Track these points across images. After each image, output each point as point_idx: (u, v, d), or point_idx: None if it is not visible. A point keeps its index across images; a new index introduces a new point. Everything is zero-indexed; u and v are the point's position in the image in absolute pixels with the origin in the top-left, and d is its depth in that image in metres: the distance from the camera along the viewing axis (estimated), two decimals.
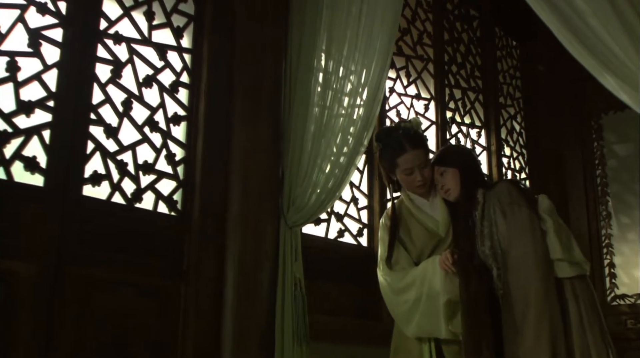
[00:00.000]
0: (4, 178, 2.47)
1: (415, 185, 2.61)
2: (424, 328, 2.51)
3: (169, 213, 2.96)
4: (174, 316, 2.83)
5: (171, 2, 3.17)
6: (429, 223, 2.63)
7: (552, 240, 2.37)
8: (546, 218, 2.41)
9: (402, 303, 2.57)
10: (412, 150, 2.57)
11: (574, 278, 2.38)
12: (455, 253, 2.43)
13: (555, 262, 2.36)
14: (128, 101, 2.90)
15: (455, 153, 2.72)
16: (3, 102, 2.52)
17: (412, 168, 2.57)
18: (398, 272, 2.60)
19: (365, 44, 3.19)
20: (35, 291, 2.44)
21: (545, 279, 2.32)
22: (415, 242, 2.64)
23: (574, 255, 2.39)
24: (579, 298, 2.35)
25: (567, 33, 2.41)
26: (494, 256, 2.43)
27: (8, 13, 2.59)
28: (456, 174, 2.54)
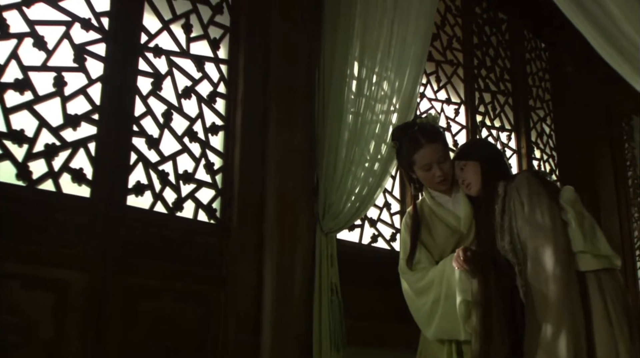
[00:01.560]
0: (53, 190, 2.56)
1: (436, 181, 2.55)
2: (443, 329, 2.46)
3: (208, 221, 3.03)
4: (215, 322, 2.89)
5: (208, 14, 3.24)
6: (451, 220, 2.57)
7: (574, 231, 2.27)
8: (568, 209, 2.30)
9: (422, 305, 2.53)
10: (428, 145, 2.52)
11: (600, 271, 2.27)
12: (469, 250, 2.34)
13: (577, 254, 2.26)
14: (168, 112, 2.98)
15: (475, 146, 2.68)
16: (51, 117, 2.61)
17: (430, 163, 2.52)
18: (418, 272, 2.56)
19: (399, 53, 3.22)
20: (84, 299, 2.53)
21: (565, 272, 2.21)
22: (437, 240, 2.59)
23: (599, 246, 2.29)
24: (605, 293, 2.24)
25: (596, 34, 2.40)
26: (513, 251, 2.35)
27: (54, 30, 2.68)
28: (477, 168, 2.49)
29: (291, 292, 3.08)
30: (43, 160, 2.55)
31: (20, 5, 2.59)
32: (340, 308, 3.13)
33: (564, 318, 2.16)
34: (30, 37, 2.60)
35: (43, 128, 2.57)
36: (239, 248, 3.03)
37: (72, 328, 2.48)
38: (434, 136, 2.55)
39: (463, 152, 2.60)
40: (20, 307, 2.38)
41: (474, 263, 2.32)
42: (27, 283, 2.41)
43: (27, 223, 2.44)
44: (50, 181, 2.56)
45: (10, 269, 2.38)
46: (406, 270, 2.60)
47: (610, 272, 2.29)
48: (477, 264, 2.33)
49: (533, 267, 2.26)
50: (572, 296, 2.20)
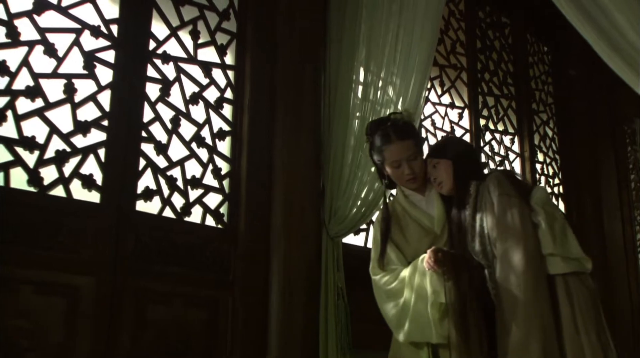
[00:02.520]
0: (64, 196, 2.59)
1: (405, 179, 2.47)
2: (415, 332, 2.38)
3: (215, 225, 3.06)
4: (223, 325, 2.92)
5: (215, 21, 3.28)
6: (424, 220, 2.50)
7: (544, 233, 2.20)
8: (538, 210, 2.24)
9: (394, 306, 2.44)
10: (398, 141, 2.44)
11: (568, 275, 2.20)
12: (440, 251, 2.27)
13: (547, 257, 2.19)
14: (176, 118, 3.01)
15: (448, 144, 2.57)
16: (61, 123, 2.64)
17: (400, 161, 2.45)
18: (389, 273, 2.47)
19: (404, 59, 3.24)
20: (95, 303, 2.56)
21: (535, 275, 2.16)
22: (409, 240, 2.50)
23: (570, 249, 2.22)
24: (573, 297, 2.17)
25: (599, 40, 2.41)
26: (484, 253, 2.28)
27: (64, 37, 2.71)
28: (449, 166, 2.40)
29: (297, 296, 3.10)
30: (54, 166, 2.59)
31: (31, 13, 2.63)
32: (346, 311, 3.16)
33: (534, 321, 2.11)
34: (41, 44, 2.63)
35: (54, 135, 2.61)
36: (246, 252, 3.06)
37: (82, 332, 2.51)
38: (405, 133, 2.47)
39: (436, 150, 2.52)
40: (31, 312, 2.41)
41: (445, 265, 2.26)
42: (38, 288, 2.44)
43: (38, 229, 2.48)
44: (61, 186, 2.60)
45: (22, 274, 2.41)
46: (377, 271, 2.51)
47: (579, 276, 2.22)
48: (448, 265, 2.27)
49: (502, 270, 2.20)
50: (541, 299, 2.14)
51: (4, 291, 2.37)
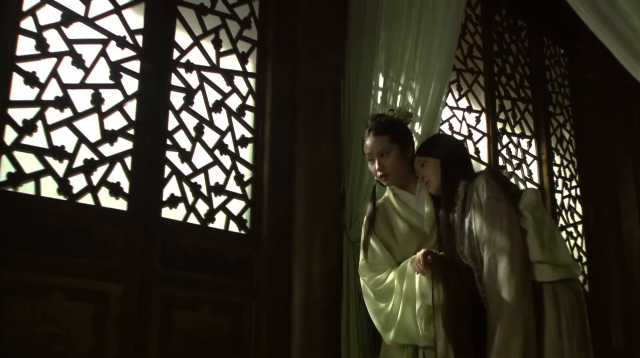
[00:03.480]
0: (92, 204, 2.64)
1: (377, 175, 2.49)
2: (402, 335, 2.37)
3: (239, 231, 3.10)
4: (247, 331, 2.96)
5: (236, 29, 3.32)
6: (414, 219, 2.47)
7: (532, 239, 2.18)
8: (526, 215, 2.21)
9: (382, 308, 2.44)
10: (373, 136, 2.47)
11: (557, 283, 2.18)
12: (429, 254, 2.26)
13: (535, 264, 2.17)
14: (200, 126, 3.06)
15: (437, 142, 2.54)
16: (89, 132, 2.69)
17: (372, 155, 2.46)
18: (378, 274, 2.46)
19: (424, 66, 3.27)
20: (123, 310, 2.61)
21: (521, 283, 2.13)
22: (399, 240, 2.49)
23: (558, 256, 2.19)
24: (560, 305, 2.16)
25: (616, 44, 2.42)
26: (472, 256, 2.25)
27: (91, 48, 2.76)
28: (436, 165, 2.39)
29: (320, 301, 3.13)
30: (82, 175, 2.64)
31: (59, 25, 2.68)
32: (368, 316, 3.18)
33: (516, 329, 2.10)
34: (69, 55, 2.69)
35: (82, 144, 2.66)
36: (268, 258, 3.10)
37: (111, 338, 2.56)
38: (381, 129, 2.48)
39: (424, 148, 2.50)
40: (62, 318, 2.47)
41: (434, 267, 2.25)
42: (69, 294, 2.49)
43: (68, 237, 2.53)
44: (90, 195, 2.65)
45: (53, 281, 2.47)
46: (365, 272, 2.51)
47: (568, 283, 2.20)
48: (437, 268, 2.25)
49: (489, 275, 2.18)
50: (525, 307, 2.12)
51: (35, 298, 2.42)
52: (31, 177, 2.51)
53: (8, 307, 2.35)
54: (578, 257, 5.10)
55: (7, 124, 2.48)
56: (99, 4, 2.82)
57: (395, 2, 3.42)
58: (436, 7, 3.27)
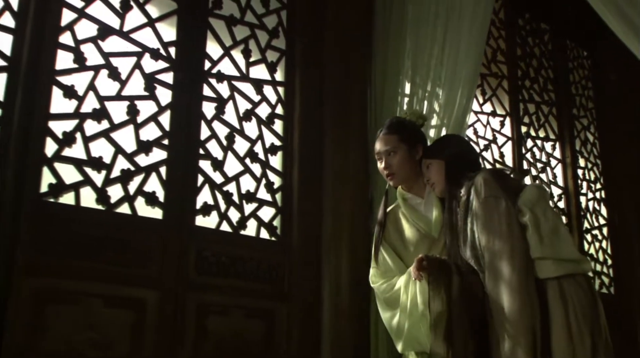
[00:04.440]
0: (129, 213, 2.71)
1: (384, 174, 2.48)
2: (411, 342, 2.32)
3: (269, 238, 3.16)
4: (278, 336, 3.02)
5: (265, 39, 3.38)
6: (422, 224, 2.44)
7: (531, 235, 2.10)
8: (525, 211, 2.13)
9: (392, 316, 2.40)
10: (383, 135, 2.47)
11: (563, 278, 2.07)
12: (425, 258, 2.21)
13: (536, 261, 2.09)
14: (231, 135, 3.12)
15: (442, 144, 2.49)
16: (125, 143, 2.76)
17: (380, 153, 2.46)
18: (388, 282, 2.43)
19: (450, 74, 3.31)
20: (159, 316, 2.67)
21: (523, 282, 2.05)
22: (407, 246, 2.45)
23: (561, 251, 2.10)
24: (567, 301, 2.05)
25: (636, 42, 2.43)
26: (476, 257, 2.18)
27: (126, 61, 2.83)
28: (441, 167, 2.35)
29: (348, 306, 3.17)
30: (119, 185, 2.71)
31: (96, 39, 2.75)
32: None
33: (521, 331, 2.02)
34: (106, 68, 2.76)
35: (119, 154, 2.73)
36: (298, 264, 3.15)
37: (148, 343, 2.63)
38: (391, 128, 2.48)
39: (430, 150, 2.46)
40: (101, 324, 2.54)
41: (431, 273, 2.19)
42: (108, 302, 2.56)
43: (106, 245, 2.60)
44: (127, 204, 2.71)
45: (92, 289, 2.54)
46: (376, 279, 2.48)
47: (575, 278, 2.10)
48: (434, 273, 2.19)
49: (490, 277, 2.11)
50: (529, 307, 2.04)
51: (76, 306, 2.49)
52: (71, 187, 2.58)
53: (50, 315, 2.43)
54: (603, 260, 5.10)
55: (48, 136, 2.56)
56: (134, 18, 2.90)
57: (421, 11, 3.46)
58: (462, 15, 3.31)
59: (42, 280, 2.43)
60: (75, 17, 2.72)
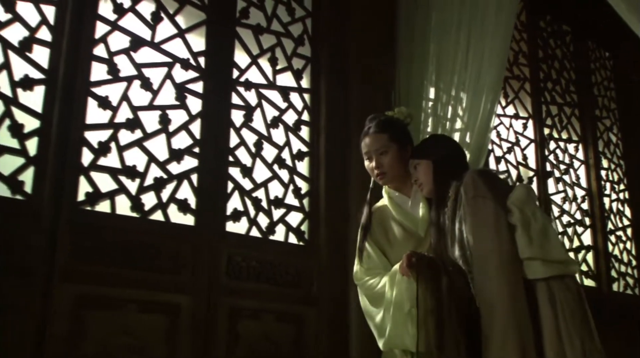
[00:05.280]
0: (162, 220, 2.78)
1: (374, 174, 2.45)
2: (394, 340, 2.31)
3: (298, 242, 3.21)
4: (308, 339, 3.06)
5: (291, 47, 3.43)
6: (408, 223, 2.43)
7: (520, 236, 2.08)
8: (514, 211, 2.11)
9: (375, 313, 2.39)
10: (372, 134, 2.44)
11: (551, 279, 2.05)
12: (414, 255, 2.20)
13: (525, 262, 2.06)
14: (259, 142, 3.18)
15: (429, 144, 2.48)
16: (158, 152, 2.83)
17: (369, 153, 2.43)
18: (372, 279, 2.42)
19: (474, 79, 3.34)
20: (192, 320, 2.73)
21: (510, 282, 2.04)
22: (393, 244, 2.44)
23: (550, 252, 2.07)
24: (556, 302, 2.04)
25: None
26: (464, 258, 2.17)
27: (158, 71, 2.90)
28: (428, 167, 2.33)
29: None
30: (153, 193, 2.78)
31: (129, 50, 2.83)
32: None
33: (510, 333, 2.00)
34: (138, 79, 2.83)
35: (152, 163, 2.79)
36: (326, 267, 3.20)
37: (182, 348, 2.69)
38: (380, 127, 2.45)
39: (417, 150, 2.44)
40: (137, 329, 2.60)
41: (420, 270, 2.18)
42: (143, 307, 2.63)
43: (141, 252, 2.67)
44: (160, 211, 2.78)
45: (127, 294, 2.61)
46: (360, 275, 2.47)
47: (564, 279, 2.08)
48: (423, 270, 2.18)
49: (478, 278, 2.11)
50: (518, 309, 2.02)
51: (112, 311, 2.56)
52: (106, 196, 2.65)
53: (88, 320, 2.50)
54: (627, 261, 5.09)
55: (84, 146, 2.63)
56: (164, 29, 2.97)
57: (444, 17, 3.49)
58: (485, 23, 3.34)
59: (80, 286, 2.50)
60: (109, 29, 2.79)
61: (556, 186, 4.70)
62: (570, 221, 4.70)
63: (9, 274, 2.36)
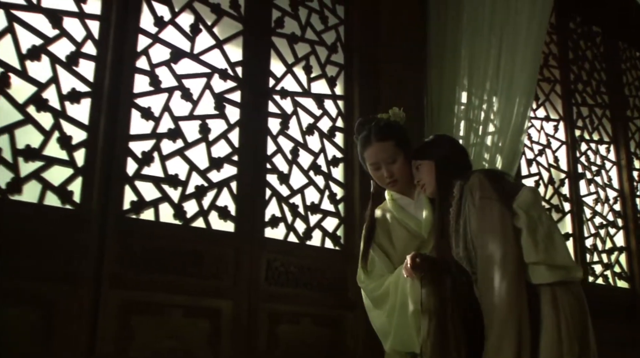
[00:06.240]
0: (204, 227, 2.86)
1: (385, 182, 2.39)
2: (398, 342, 2.30)
3: (334, 247, 3.27)
4: (345, 343, 3.12)
5: (324, 55, 3.49)
6: (411, 224, 2.41)
7: (525, 240, 2.05)
8: (520, 214, 2.08)
9: (379, 315, 2.38)
10: (377, 143, 2.36)
11: (555, 285, 2.03)
12: (418, 256, 2.20)
13: (529, 266, 2.04)
14: (295, 149, 3.24)
15: (431, 144, 2.43)
16: (198, 161, 2.90)
17: (378, 163, 2.37)
18: (375, 281, 2.41)
19: (507, 84, 3.36)
20: (234, 325, 2.81)
21: (513, 285, 2.01)
22: (396, 245, 2.43)
23: (555, 257, 2.05)
24: (559, 308, 2.01)
25: None
26: (468, 258, 2.14)
27: (197, 82, 2.98)
28: (431, 167, 2.31)
29: None
30: (194, 200, 2.85)
31: (169, 62, 2.91)
32: None
33: (508, 333, 1.98)
34: (179, 90, 2.91)
35: (193, 171, 2.87)
36: None
37: (224, 351, 2.76)
38: (384, 134, 2.37)
39: (419, 151, 2.41)
40: (181, 333, 2.68)
41: (424, 270, 2.17)
42: (187, 312, 2.71)
43: (184, 258, 2.75)
44: (201, 218, 2.86)
45: (172, 300, 2.69)
46: (364, 278, 2.46)
47: (568, 285, 2.06)
48: (427, 272, 2.17)
49: (482, 280, 2.07)
50: (518, 312, 1.99)
51: (158, 316, 2.64)
52: (150, 204, 2.73)
53: (135, 325, 2.58)
54: None
55: (129, 156, 2.71)
56: (203, 40, 3.04)
57: (476, 22, 3.52)
58: (517, 26, 3.37)
59: (127, 292, 2.59)
60: (150, 42, 2.88)
61: (588, 187, 4.69)
62: (603, 222, 4.69)
63: (61, 281, 2.45)
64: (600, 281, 4.48)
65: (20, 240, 2.39)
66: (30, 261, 2.40)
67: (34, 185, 2.49)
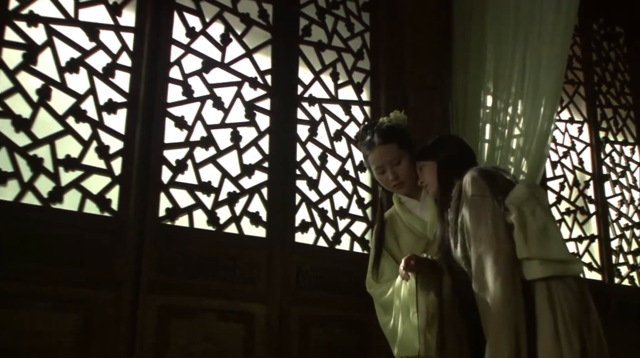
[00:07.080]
0: (236, 232, 2.92)
1: (391, 185, 2.40)
2: (404, 346, 2.26)
3: (362, 251, 3.32)
4: (371, 345, 3.15)
5: (351, 61, 3.54)
6: (416, 226, 2.42)
7: (517, 236, 2.02)
8: (512, 209, 2.06)
9: (388, 320, 2.36)
10: (380, 146, 2.36)
11: (551, 279, 2.00)
12: (413, 258, 2.18)
13: (523, 262, 2.01)
14: (323, 155, 3.30)
15: (434, 145, 2.41)
16: (230, 168, 2.97)
17: (383, 166, 2.37)
18: (382, 286, 2.41)
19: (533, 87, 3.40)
20: (266, 328, 2.87)
21: (507, 281, 1.98)
22: (403, 248, 2.43)
23: (549, 252, 2.01)
24: (555, 304, 1.98)
25: None
26: (466, 258, 2.12)
27: (228, 90, 3.05)
28: (433, 168, 2.30)
29: None
30: (227, 207, 2.92)
31: (201, 72, 2.98)
32: None
33: (504, 331, 1.95)
34: (210, 98, 2.98)
35: (225, 178, 2.94)
36: None
37: (258, 354, 2.82)
38: (386, 136, 2.38)
39: (422, 151, 2.41)
40: (216, 336, 2.75)
41: (419, 273, 2.16)
42: (221, 315, 2.77)
43: (218, 263, 2.81)
44: (234, 224, 2.92)
45: (206, 304, 2.75)
46: (372, 283, 2.45)
47: (564, 280, 2.01)
48: (423, 273, 2.17)
49: (476, 278, 2.05)
50: (513, 309, 1.97)
51: (193, 319, 2.71)
52: (185, 211, 2.80)
53: (171, 328, 2.65)
54: None
55: (164, 164, 2.79)
56: (233, 50, 3.11)
57: (501, 26, 3.55)
58: (542, 29, 3.40)
59: (164, 297, 2.66)
60: (182, 52, 2.95)
61: (613, 189, 4.70)
62: (628, 224, 4.69)
63: (100, 287, 2.53)
64: (626, 283, 4.49)
65: (61, 246, 2.47)
66: (71, 268, 2.48)
67: (74, 194, 2.57)
